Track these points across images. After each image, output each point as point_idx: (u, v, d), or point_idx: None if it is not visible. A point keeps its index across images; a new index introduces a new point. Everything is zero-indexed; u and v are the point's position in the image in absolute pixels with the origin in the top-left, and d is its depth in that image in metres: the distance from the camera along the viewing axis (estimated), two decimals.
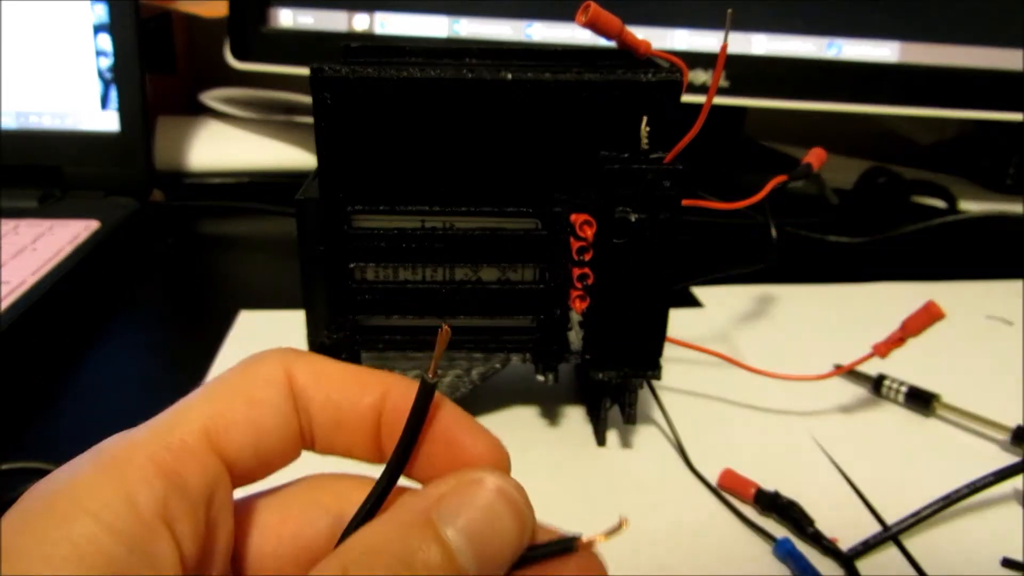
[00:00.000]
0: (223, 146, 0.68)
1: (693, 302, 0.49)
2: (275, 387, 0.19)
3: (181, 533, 0.16)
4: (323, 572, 0.15)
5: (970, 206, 0.67)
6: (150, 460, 0.16)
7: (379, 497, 0.18)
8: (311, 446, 0.20)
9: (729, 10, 0.32)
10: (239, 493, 0.19)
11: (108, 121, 0.58)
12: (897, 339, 0.35)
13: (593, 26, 0.31)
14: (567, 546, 0.17)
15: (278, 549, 0.19)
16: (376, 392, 0.19)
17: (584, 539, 0.17)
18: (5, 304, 0.41)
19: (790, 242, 0.59)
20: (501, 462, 0.19)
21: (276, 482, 0.20)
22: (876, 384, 0.40)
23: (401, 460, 0.18)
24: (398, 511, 0.17)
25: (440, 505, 0.16)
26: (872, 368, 0.39)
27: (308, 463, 0.20)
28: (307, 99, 0.33)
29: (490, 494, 0.17)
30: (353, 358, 0.34)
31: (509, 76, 0.30)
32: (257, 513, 0.19)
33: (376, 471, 0.19)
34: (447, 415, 0.19)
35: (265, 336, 0.43)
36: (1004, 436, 0.36)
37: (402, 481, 0.19)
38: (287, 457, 0.19)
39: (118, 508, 0.15)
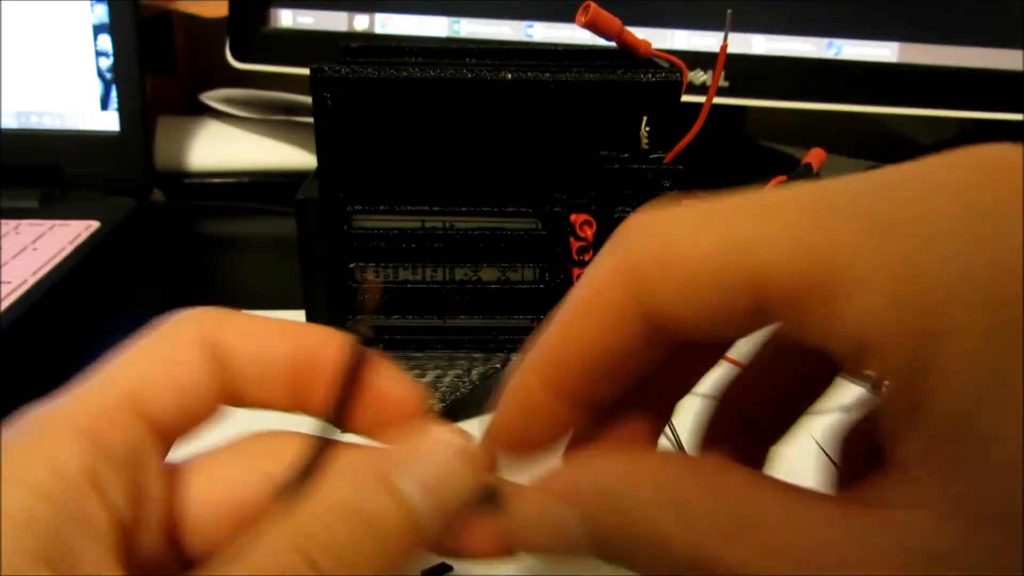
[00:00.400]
0: (223, 146, 0.68)
1: None
2: (195, 347, 0.19)
3: (111, 496, 0.16)
4: (281, 537, 0.15)
5: None
6: (73, 426, 0.17)
7: (318, 452, 0.18)
8: (239, 401, 0.20)
9: (729, 10, 0.32)
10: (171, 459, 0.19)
11: (108, 121, 0.58)
12: None
13: (593, 26, 0.31)
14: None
15: (217, 511, 0.19)
16: (296, 343, 0.20)
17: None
18: (5, 304, 0.41)
19: None
20: (420, 404, 0.19)
21: (209, 445, 0.20)
22: (876, 384, 0.40)
23: (339, 412, 0.19)
24: (351, 469, 0.17)
25: (394, 461, 0.17)
26: None
27: (240, 421, 0.20)
28: (307, 99, 0.33)
29: (442, 447, 0.17)
30: None
31: (509, 76, 0.30)
32: (191, 478, 0.19)
33: (298, 423, 0.20)
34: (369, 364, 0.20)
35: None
36: None
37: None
38: (210, 413, 0.19)
39: (46, 475, 0.15)
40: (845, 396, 0.42)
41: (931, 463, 0.12)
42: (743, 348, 0.21)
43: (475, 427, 0.35)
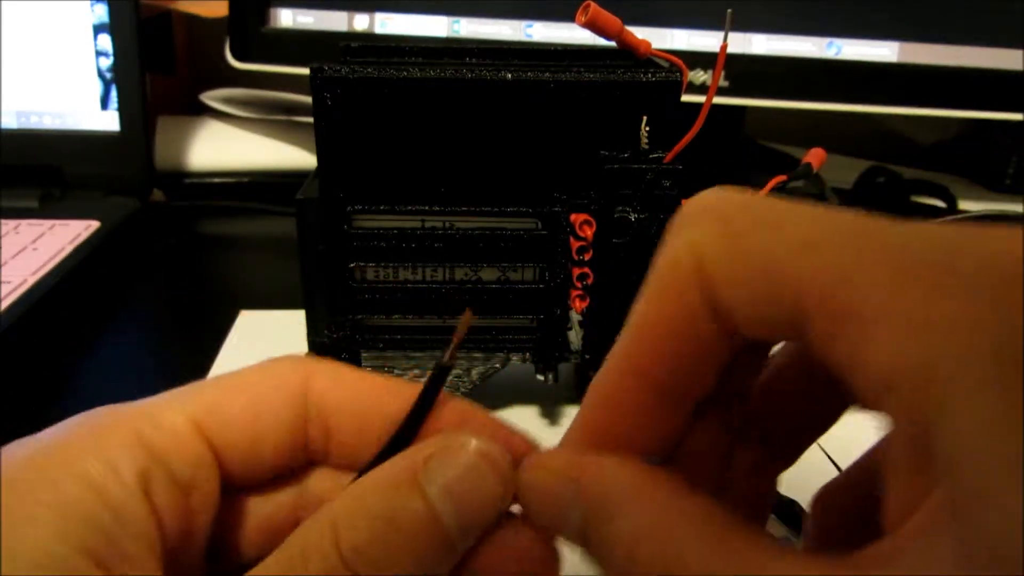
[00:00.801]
0: (223, 146, 0.68)
1: None
2: (285, 391, 0.19)
3: (162, 508, 0.16)
4: (312, 528, 0.16)
5: (970, 206, 0.67)
6: (135, 433, 0.17)
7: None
8: (323, 459, 0.19)
9: (729, 10, 0.32)
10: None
11: (108, 121, 0.58)
12: None
13: (593, 26, 0.31)
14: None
15: (256, 539, 0.19)
16: (401, 399, 0.19)
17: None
18: (5, 304, 0.41)
19: None
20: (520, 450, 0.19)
21: None
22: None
23: (402, 438, 0.18)
24: (385, 471, 0.17)
25: (425, 465, 0.16)
26: None
27: None
28: (307, 99, 0.33)
29: (473, 456, 0.17)
30: (353, 358, 0.34)
31: (509, 76, 0.30)
32: (240, 506, 0.19)
33: None
34: (456, 408, 0.20)
35: (265, 336, 0.43)
36: None
37: None
38: (288, 464, 0.19)
39: (101, 472, 0.15)
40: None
41: (937, 517, 0.12)
42: None
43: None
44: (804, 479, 0.33)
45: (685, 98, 0.31)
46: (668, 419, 0.17)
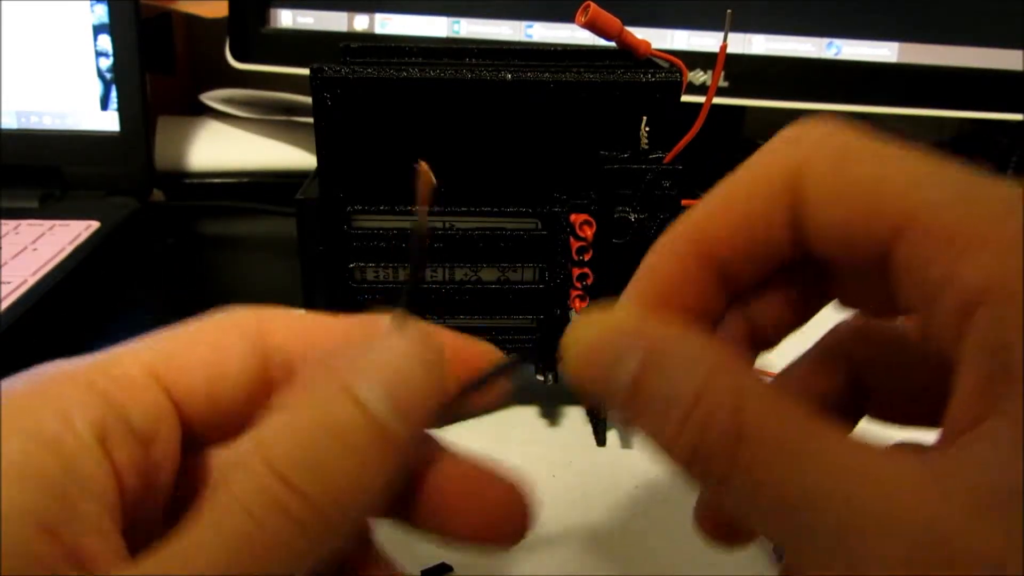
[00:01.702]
0: (223, 146, 0.68)
1: None
2: (243, 337, 0.18)
3: (121, 462, 0.15)
4: (252, 464, 0.15)
5: None
6: (87, 383, 0.16)
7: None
8: None
9: (729, 10, 0.32)
10: None
11: (108, 121, 0.58)
12: None
13: (593, 26, 0.31)
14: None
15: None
16: (343, 333, 0.19)
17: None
18: (5, 304, 0.41)
19: None
20: (520, 502, 0.19)
21: None
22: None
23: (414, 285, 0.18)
24: (309, 384, 0.16)
25: (352, 368, 0.16)
26: None
27: None
28: (307, 99, 0.33)
29: (399, 348, 0.17)
30: None
31: (509, 76, 0.30)
32: (204, 461, 0.18)
33: None
34: (455, 465, 0.19)
35: None
36: None
37: None
38: (251, 414, 0.18)
39: (53, 426, 0.15)
40: None
41: (1009, 425, 0.12)
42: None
43: (475, 426, 0.35)
44: None
45: (685, 98, 0.31)
46: (713, 304, 0.18)
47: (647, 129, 0.30)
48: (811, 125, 0.17)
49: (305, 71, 0.30)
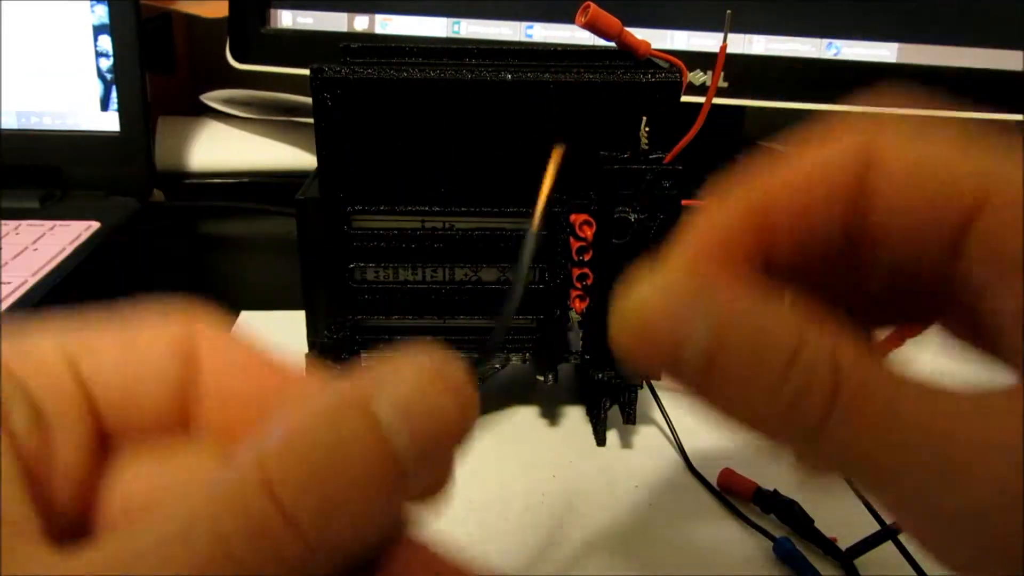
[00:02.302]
0: (223, 146, 0.68)
1: None
2: (169, 340, 0.17)
3: (17, 428, 0.15)
4: (244, 461, 0.13)
5: None
6: None
7: None
8: (199, 427, 0.17)
9: (728, 11, 0.32)
10: None
11: (108, 121, 0.58)
12: (896, 339, 0.35)
13: (593, 27, 0.31)
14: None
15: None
16: (263, 384, 0.17)
17: None
18: (5, 304, 0.41)
19: None
20: None
21: None
22: None
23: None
24: (327, 393, 0.15)
25: (379, 396, 0.14)
26: None
27: None
28: (307, 99, 0.33)
29: (427, 374, 0.15)
30: (354, 358, 0.34)
31: (509, 76, 0.30)
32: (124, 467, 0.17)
33: None
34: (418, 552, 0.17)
35: (265, 336, 0.43)
36: None
37: None
38: (168, 424, 0.17)
39: None
40: None
41: None
42: None
43: (476, 427, 0.36)
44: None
45: (685, 98, 0.31)
46: (754, 266, 0.17)
47: (647, 129, 0.30)
48: (874, 118, 0.17)
49: (305, 71, 0.30)
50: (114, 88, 0.57)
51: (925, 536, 0.15)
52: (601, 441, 0.36)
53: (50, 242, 0.49)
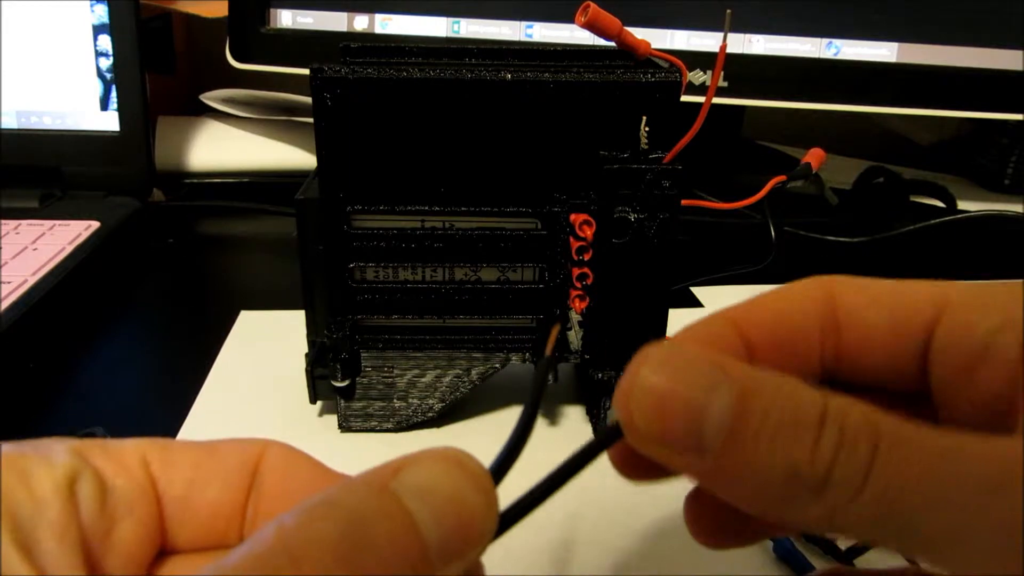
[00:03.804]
0: (223, 146, 0.68)
1: (693, 302, 0.49)
2: (239, 454, 0.18)
3: (87, 517, 0.16)
4: (269, 534, 0.13)
5: (969, 206, 0.67)
6: (78, 448, 0.16)
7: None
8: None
9: (728, 10, 0.32)
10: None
11: (108, 121, 0.58)
12: None
13: (592, 27, 0.31)
14: (614, 433, 0.17)
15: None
16: (231, 483, 0.18)
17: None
18: (5, 304, 0.41)
19: (789, 242, 0.60)
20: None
21: None
22: None
23: (523, 434, 0.17)
24: (350, 480, 0.15)
25: (400, 475, 0.15)
26: None
27: None
28: (307, 99, 0.33)
29: (454, 468, 0.15)
30: (353, 358, 0.34)
31: (509, 76, 0.30)
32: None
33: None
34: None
35: (265, 336, 0.43)
36: None
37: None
38: (222, 533, 0.18)
39: (32, 465, 0.15)
40: None
41: None
42: None
43: (475, 426, 0.35)
44: None
45: (685, 98, 0.31)
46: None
47: (647, 129, 0.30)
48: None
49: (305, 71, 0.30)
50: (114, 88, 0.57)
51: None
52: None
53: (50, 242, 0.49)
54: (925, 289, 0.18)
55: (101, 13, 0.56)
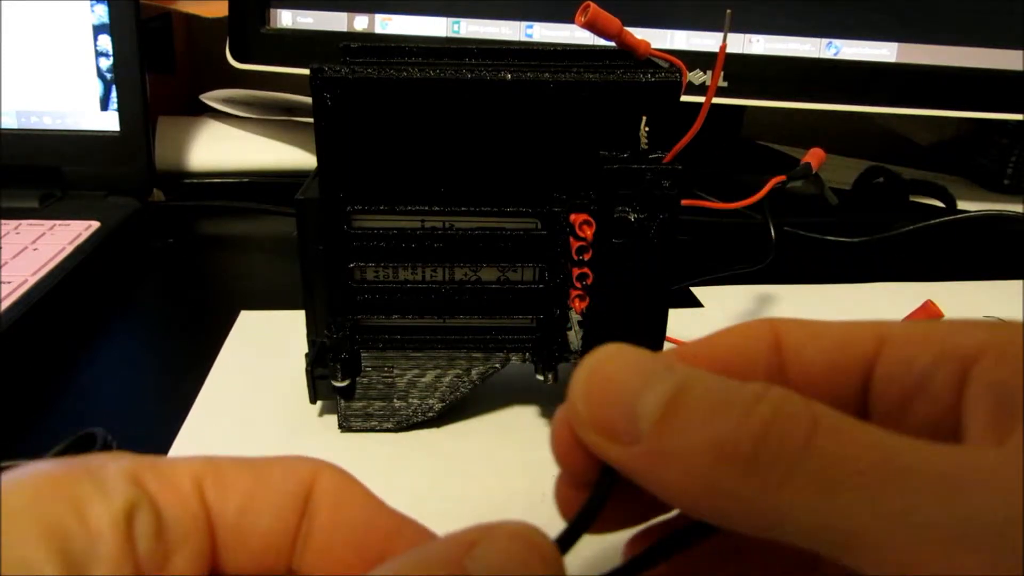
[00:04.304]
0: (223, 146, 0.68)
1: (693, 302, 0.49)
2: (291, 476, 0.18)
3: (142, 550, 0.15)
4: None
5: (969, 206, 0.67)
6: (132, 472, 0.16)
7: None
8: (303, 567, 0.18)
9: (728, 10, 0.33)
10: None
11: (108, 121, 0.58)
12: None
13: (592, 26, 0.31)
14: (705, 531, 0.16)
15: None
16: (399, 534, 0.18)
17: None
18: (5, 304, 0.41)
19: (789, 242, 0.60)
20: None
21: None
22: None
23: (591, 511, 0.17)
24: (422, 554, 0.15)
25: (472, 552, 0.15)
26: None
27: None
28: (307, 99, 0.33)
29: (525, 548, 0.15)
30: (353, 358, 0.34)
31: (509, 76, 0.30)
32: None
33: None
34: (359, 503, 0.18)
35: (265, 336, 0.43)
36: None
37: None
38: (273, 558, 0.17)
39: (88, 496, 0.15)
40: None
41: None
42: None
43: (475, 426, 0.35)
44: None
45: (685, 98, 0.31)
46: None
47: (647, 129, 0.30)
48: None
49: (305, 71, 0.30)
50: (114, 88, 0.57)
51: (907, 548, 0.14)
52: None
53: (50, 242, 0.49)
54: (866, 327, 0.18)
55: (101, 13, 0.56)
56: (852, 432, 0.14)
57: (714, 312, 0.48)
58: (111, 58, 0.57)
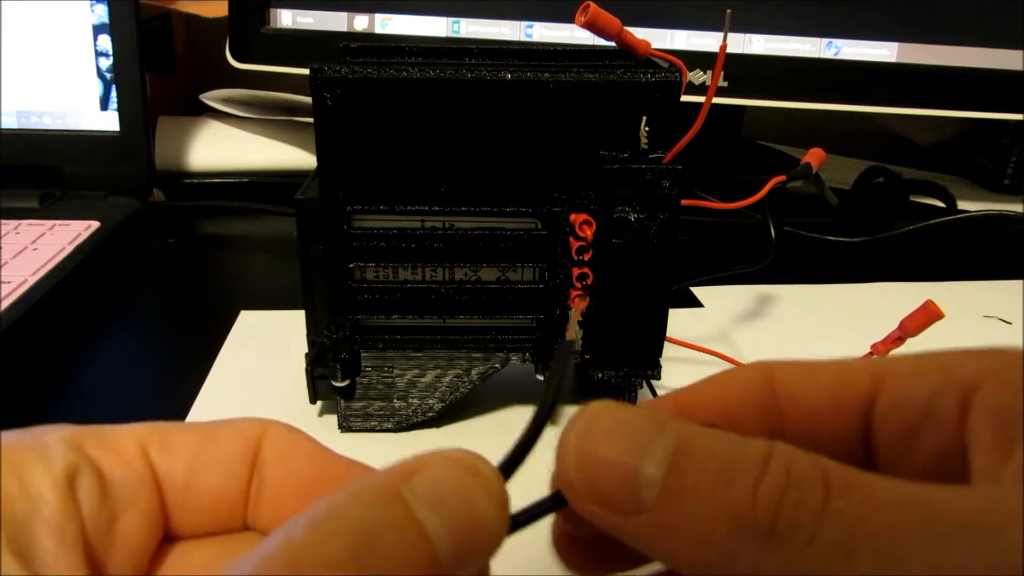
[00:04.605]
0: (223, 146, 0.68)
1: (693, 302, 0.49)
2: (238, 438, 0.18)
3: (88, 511, 0.16)
4: (275, 549, 0.13)
5: (969, 206, 0.67)
6: (73, 440, 0.17)
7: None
8: (257, 524, 0.18)
9: (728, 10, 0.32)
10: None
11: (108, 121, 0.58)
12: (896, 339, 0.35)
13: (592, 26, 0.31)
14: (556, 502, 0.16)
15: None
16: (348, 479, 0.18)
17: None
18: (5, 304, 0.41)
19: (789, 242, 0.60)
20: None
21: None
22: None
23: (541, 421, 0.17)
24: (359, 486, 0.14)
25: (412, 481, 0.14)
26: None
27: None
28: (307, 99, 0.33)
29: (466, 473, 0.15)
30: (353, 358, 0.34)
31: (509, 76, 0.30)
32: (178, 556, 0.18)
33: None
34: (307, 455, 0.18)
35: (265, 336, 0.43)
36: None
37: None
38: (225, 518, 0.18)
39: (28, 459, 0.16)
40: None
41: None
42: (743, 348, 0.21)
43: (475, 426, 0.35)
44: None
45: (685, 98, 0.31)
46: None
47: (647, 129, 0.30)
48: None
49: (305, 71, 0.30)
50: (114, 88, 0.57)
51: None
52: None
53: (50, 242, 0.49)
54: (863, 364, 0.18)
55: (101, 13, 0.56)
56: (866, 488, 0.14)
57: (714, 312, 0.48)
58: (111, 58, 0.57)
